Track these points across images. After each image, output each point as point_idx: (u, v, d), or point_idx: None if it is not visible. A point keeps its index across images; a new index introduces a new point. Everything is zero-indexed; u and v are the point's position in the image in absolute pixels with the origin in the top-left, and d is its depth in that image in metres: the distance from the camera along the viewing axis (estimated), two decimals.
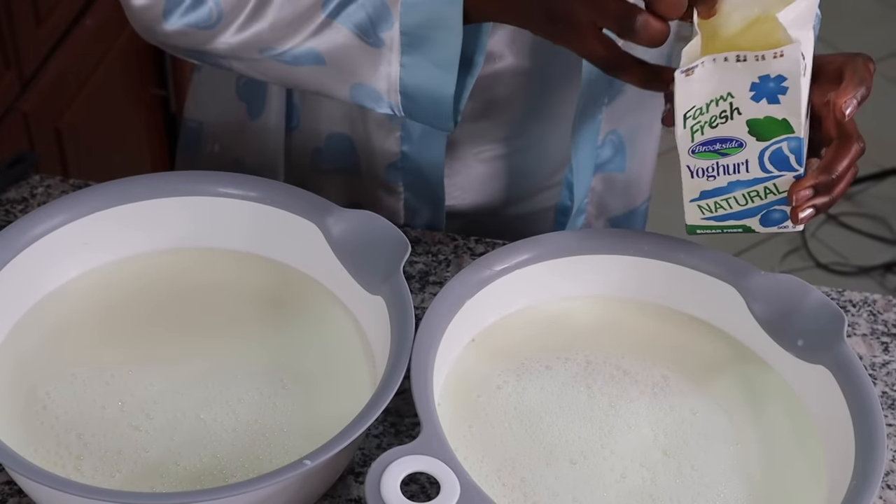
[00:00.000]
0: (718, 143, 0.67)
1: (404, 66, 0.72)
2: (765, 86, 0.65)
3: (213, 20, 0.74)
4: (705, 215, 0.71)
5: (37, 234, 0.74)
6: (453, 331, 0.72)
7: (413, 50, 0.71)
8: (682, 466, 0.69)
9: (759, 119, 0.66)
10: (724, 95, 0.66)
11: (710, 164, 0.68)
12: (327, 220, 0.76)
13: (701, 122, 0.67)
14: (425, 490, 0.72)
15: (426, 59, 0.71)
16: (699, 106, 0.66)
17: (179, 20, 0.74)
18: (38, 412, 0.69)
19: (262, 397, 0.72)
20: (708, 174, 0.69)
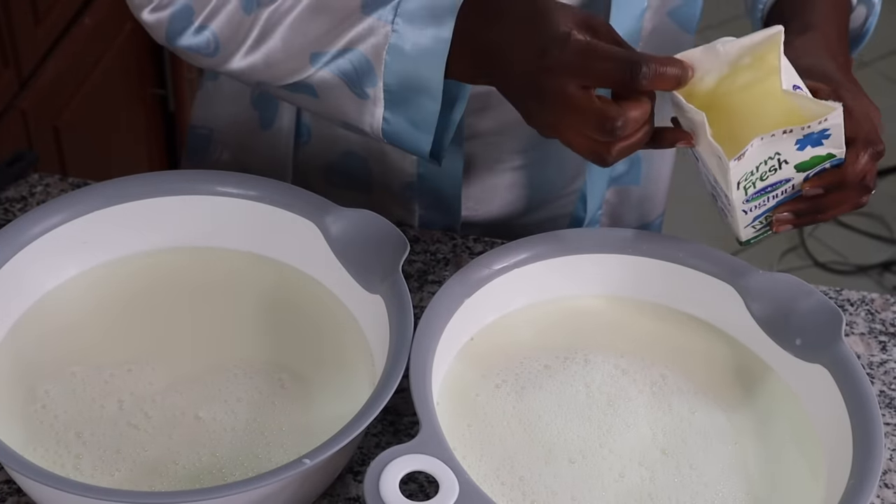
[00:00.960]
0: (770, 188, 0.70)
1: (386, 120, 0.73)
2: (809, 139, 0.67)
3: (212, 49, 0.76)
4: (757, 228, 0.74)
5: (36, 232, 0.74)
6: (452, 330, 0.72)
7: (394, 107, 0.73)
8: (681, 465, 0.69)
9: (806, 160, 0.69)
10: (772, 155, 0.68)
11: (761, 200, 0.71)
12: (326, 219, 0.76)
13: (752, 180, 0.69)
14: (424, 489, 0.72)
15: (405, 119, 0.73)
16: (749, 170, 0.68)
17: (184, 42, 0.76)
18: (37, 411, 0.69)
19: (262, 396, 0.72)
20: (760, 206, 0.72)
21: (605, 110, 0.63)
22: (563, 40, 0.64)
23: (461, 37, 0.69)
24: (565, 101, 0.64)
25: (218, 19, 0.74)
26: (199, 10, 0.74)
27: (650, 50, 0.83)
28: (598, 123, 0.64)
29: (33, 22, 1.38)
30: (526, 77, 0.66)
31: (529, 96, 0.66)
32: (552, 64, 0.64)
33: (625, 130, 0.64)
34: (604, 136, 0.64)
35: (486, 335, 0.76)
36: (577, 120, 0.64)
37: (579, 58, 0.63)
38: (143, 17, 0.75)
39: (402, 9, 0.70)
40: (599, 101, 0.64)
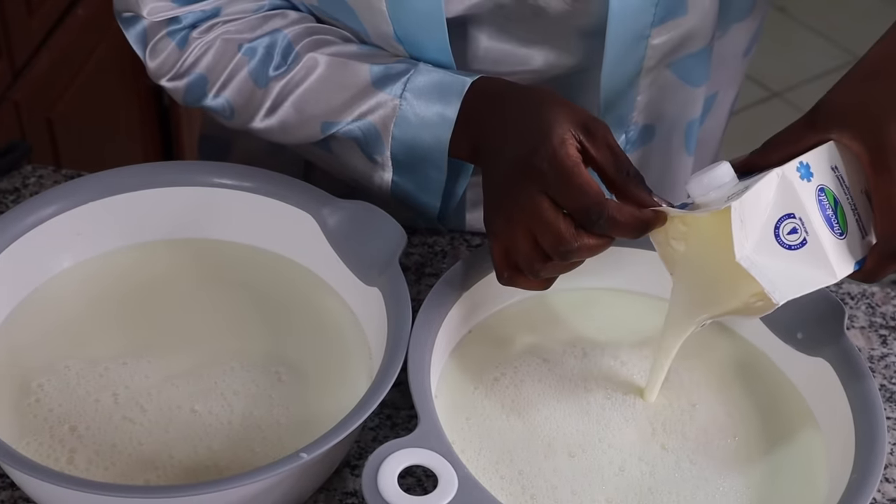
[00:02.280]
0: None
1: (395, 182, 0.76)
2: None
3: (228, 114, 0.79)
4: None
5: (29, 224, 0.73)
6: (450, 323, 0.71)
7: (402, 173, 0.75)
8: (681, 460, 0.69)
9: None
10: None
11: None
12: (323, 210, 0.76)
13: None
14: (422, 483, 0.71)
15: (413, 183, 0.76)
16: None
17: (203, 105, 0.80)
18: (31, 405, 0.69)
19: (258, 390, 0.71)
20: None
21: (564, 231, 0.64)
22: (553, 150, 0.64)
23: (464, 118, 0.71)
24: (534, 205, 0.64)
25: (230, 90, 0.78)
26: (213, 80, 0.78)
27: (651, 102, 0.82)
28: (553, 239, 0.64)
29: (27, 13, 1.37)
30: (510, 168, 0.66)
31: (506, 185, 0.67)
32: (534, 170, 0.65)
33: (572, 256, 0.64)
34: (551, 252, 0.64)
35: (484, 328, 0.75)
36: (535, 226, 0.65)
37: (557, 177, 0.64)
38: (162, 83, 0.79)
39: (412, 84, 0.73)
40: (563, 220, 0.64)
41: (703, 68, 0.83)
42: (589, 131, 0.66)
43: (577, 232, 0.64)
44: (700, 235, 0.65)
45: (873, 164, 0.63)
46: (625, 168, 0.65)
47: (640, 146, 0.87)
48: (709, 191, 0.64)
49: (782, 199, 0.63)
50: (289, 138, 0.79)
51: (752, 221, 0.63)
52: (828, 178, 0.65)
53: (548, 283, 0.69)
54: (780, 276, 0.63)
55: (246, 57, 0.77)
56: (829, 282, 0.64)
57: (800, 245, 0.64)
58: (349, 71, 0.75)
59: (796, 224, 0.63)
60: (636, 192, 0.65)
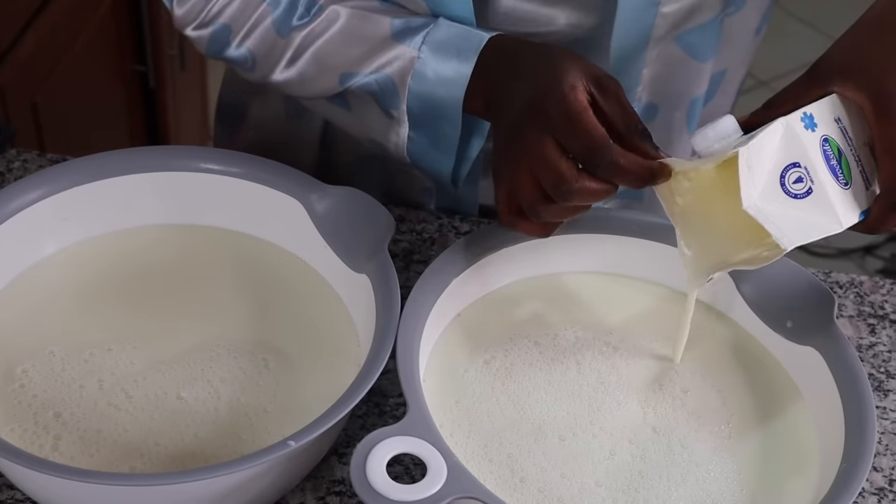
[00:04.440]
0: None
1: (410, 139, 0.76)
2: None
3: (250, 65, 0.79)
4: None
5: (13, 208, 0.72)
6: (439, 309, 0.71)
7: (417, 127, 0.75)
8: (672, 444, 0.68)
9: None
10: None
11: None
12: (311, 196, 0.75)
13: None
14: (409, 471, 0.71)
15: (428, 139, 0.75)
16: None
17: (225, 56, 0.79)
18: (15, 391, 0.68)
19: (245, 376, 0.70)
20: None
21: (566, 172, 0.64)
22: (562, 94, 0.64)
23: (480, 73, 0.71)
24: (538, 146, 0.64)
25: (253, 39, 0.77)
26: (237, 30, 0.77)
27: (656, 77, 0.82)
28: (554, 179, 0.64)
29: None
30: (520, 112, 0.67)
31: (514, 129, 0.67)
32: (542, 112, 0.65)
33: (573, 198, 0.64)
34: (552, 192, 0.64)
35: (474, 311, 0.75)
36: (538, 166, 0.65)
37: (565, 120, 0.64)
38: (186, 33, 0.79)
39: (430, 38, 0.73)
40: (566, 162, 0.64)
41: (710, 43, 0.82)
42: (601, 84, 0.66)
43: (579, 174, 0.64)
44: (705, 189, 0.64)
45: (876, 113, 0.63)
46: (633, 123, 0.65)
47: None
48: (713, 143, 0.64)
49: (787, 149, 0.63)
50: (307, 91, 0.78)
51: (758, 170, 0.62)
52: (831, 129, 0.64)
53: (548, 229, 0.68)
54: (787, 222, 0.62)
55: (270, 7, 0.76)
56: (835, 230, 0.64)
57: (805, 194, 0.63)
58: (370, 23, 0.75)
59: (801, 173, 0.63)
60: (643, 146, 0.65)
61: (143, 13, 1.64)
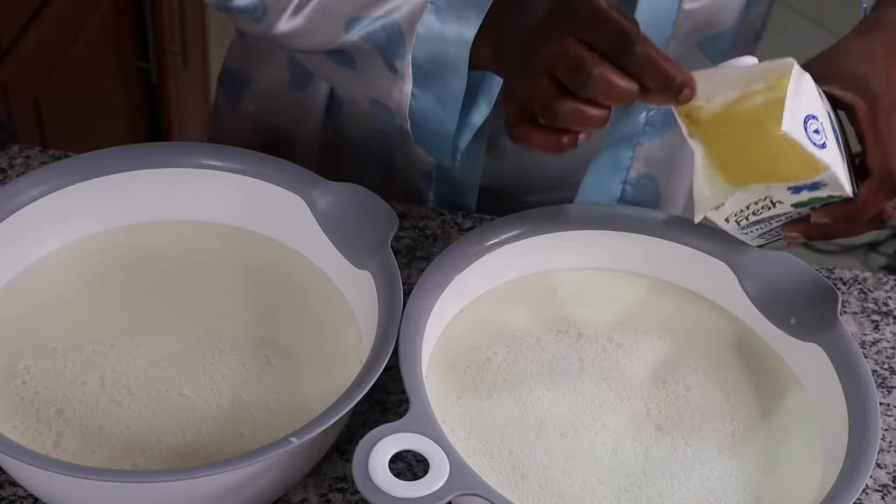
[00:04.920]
0: (766, 221, 0.67)
1: (414, 96, 0.73)
2: (802, 187, 0.63)
3: (259, 13, 0.76)
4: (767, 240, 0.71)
5: (16, 204, 0.72)
6: (442, 305, 0.71)
7: (421, 83, 0.73)
8: (676, 442, 0.68)
9: (804, 201, 0.65)
10: (763, 198, 0.65)
11: (760, 226, 0.68)
12: (313, 192, 0.75)
13: (744, 215, 0.66)
14: (412, 468, 0.71)
15: (433, 95, 0.73)
16: (735, 210, 0.66)
17: (233, 5, 0.77)
18: (17, 387, 0.68)
19: (247, 373, 0.70)
20: (760, 229, 0.69)
21: (586, 57, 0.60)
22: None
23: (491, 22, 0.69)
24: (558, 44, 0.61)
25: None
26: None
27: None
28: (573, 64, 0.60)
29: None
30: (536, 23, 0.64)
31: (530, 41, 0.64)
32: (563, 11, 0.62)
33: (592, 87, 0.60)
34: (568, 80, 0.61)
35: (476, 308, 0.75)
36: (556, 61, 0.61)
37: (591, 13, 0.61)
38: None
39: None
40: (587, 49, 0.60)
41: (728, 50, 0.82)
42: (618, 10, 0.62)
43: (600, 60, 0.60)
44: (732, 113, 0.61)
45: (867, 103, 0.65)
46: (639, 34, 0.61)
47: (661, 133, 0.86)
48: None
49: (811, 99, 0.62)
50: (311, 42, 0.76)
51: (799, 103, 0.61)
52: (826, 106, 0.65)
53: (560, 141, 0.63)
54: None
55: None
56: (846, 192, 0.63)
57: (822, 146, 0.62)
58: None
59: (819, 126, 0.62)
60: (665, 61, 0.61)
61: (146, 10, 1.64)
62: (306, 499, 0.70)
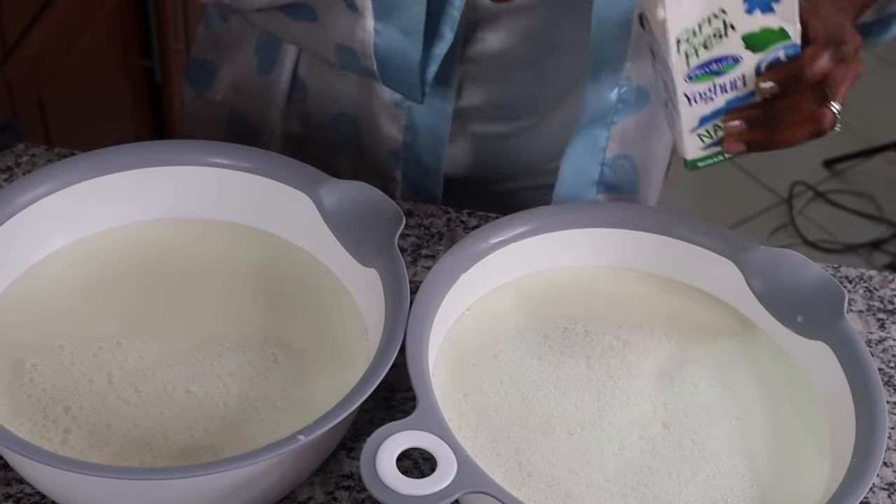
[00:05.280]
0: (714, 62, 0.66)
1: (377, 32, 0.73)
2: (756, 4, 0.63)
3: None
4: (705, 143, 0.69)
5: (23, 202, 0.72)
6: (448, 303, 0.71)
7: (383, 16, 0.73)
8: (683, 440, 0.68)
9: (755, 32, 0.65)
10: (717, 13, 0.64)
11: (706, 87, 0.67)
12: (320, 190, 0.75)
13: (695, 45, 0.65)
14: (418, 465, 0.71)
15: (394, 26, 0.73)
16: (691, 28, 0.65)
17: None
18: (24, 385, 0.68)
19: (254, 371, 0.70)
20: (706, 97, 0.67)
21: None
22: None
23: None
24: None
25: None
26: None
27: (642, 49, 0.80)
28: None
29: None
30: None
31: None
32: None
33: None
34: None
35: (482, 305, 0.74)
36: None
37: None
38: None
39: None
40: None
41: None
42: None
43: None
44: None
45: None
46: None
47: (635, 110, 0.86)
48: None
49: None
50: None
51: None
52: None
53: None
54: None
55: None
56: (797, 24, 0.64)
57: None
58: None
59: None
60: None
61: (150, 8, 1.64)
62: (312, 496, 0.70)
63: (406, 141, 0.88)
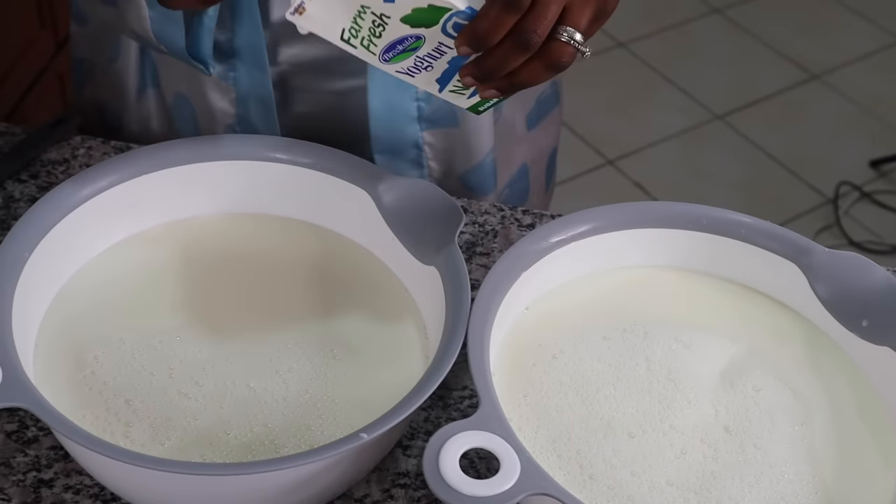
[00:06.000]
0: (398, 44, 0.64)
1: (152, 19, 0.74)
2: None
3: None
4: (467, 94, 0.67)
5: (85, 195, 0.72)
6: (508, 302, 0.70)
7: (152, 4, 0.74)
8: (745, 445, 0.67)
9: (409, 14, 0.62)
10: (361, 10, 0.62)
11: (413, 60, 0.65)
12: (379, 187, 0.75)
13: (365, 38, 0.63)
14: (474, 465, 0.70)
15: (159, 12, 0.74)
16: (347, 27, 0.63)
17: None
18: (86, 377, 0.68)
19: (313, 367, 0.70)
20: (423, 67, 0.65)
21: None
22: None
23: None
24: None
25: None
26: None
27: None
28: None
29: None
30: None
31: None
32: None
33: None
34: None
35: (542, 305, 0.74)
36: None
37: None
38: None
39: None
40: None
41: None
42: None
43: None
44: None
45: None
46: None
47: None
48: None
49: None
50: None
51: None
52: None
53: None
54: None
55: None
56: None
57: None
58: None
59: None
60: None
61: None
62: (368, 494, 0.70)
63: (239, 113, 0.87)
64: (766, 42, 2.50)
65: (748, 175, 2.20)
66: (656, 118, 2.31)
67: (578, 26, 0.63)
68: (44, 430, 0.71)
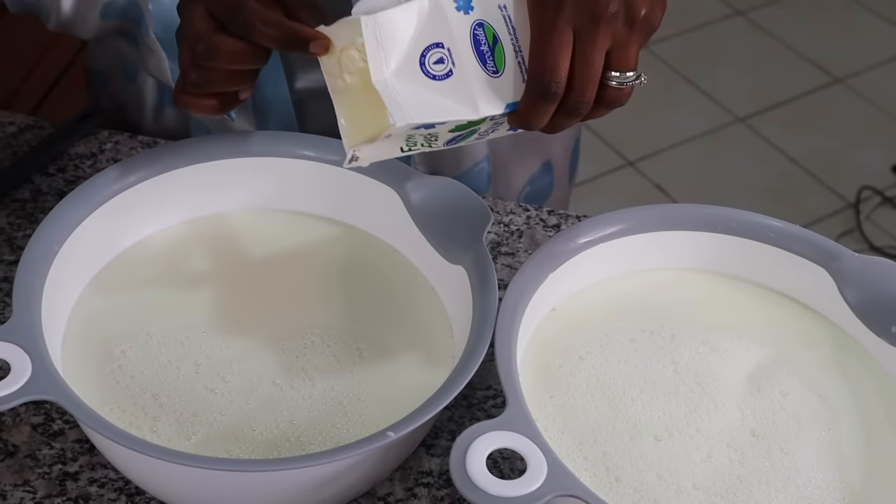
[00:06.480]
0: (455, 139, 0.65)
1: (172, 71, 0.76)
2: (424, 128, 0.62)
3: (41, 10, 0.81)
4: None
5: (114, 190, 0.73)
6: (535, 303, 0.70)
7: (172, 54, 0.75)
8: (772, 449, 0.67)
9: (453, 129, 0.63)
10: (408, 138, 0.63)
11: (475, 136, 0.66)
12: (406, 185, 0.75)
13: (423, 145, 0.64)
14: (498, 465, 0.70)
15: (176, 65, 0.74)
16: (403, 146, 0.64)
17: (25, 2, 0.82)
18: (113, 371, 0.68)
19: (339, 365, 0.70)
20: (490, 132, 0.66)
21: (201, 29, 0.64)
22: None
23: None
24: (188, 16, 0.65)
25: None
26: None
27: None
28: (192, 38, 0.64)
29: None
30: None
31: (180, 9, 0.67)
32: None
33: (211, 57, 0.64)
34: (195, 55, 0.64)
35: (569, 306, 0.74)
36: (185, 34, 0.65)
37: None
38: None
39: None
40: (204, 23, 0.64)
41: None
42: None
43: (215, 31, 0.63)
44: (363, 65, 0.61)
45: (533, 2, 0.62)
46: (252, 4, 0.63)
47: None
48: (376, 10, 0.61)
49: (432, 27, 0.61)
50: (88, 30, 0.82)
51: (396, 45, 0.60)
52: (491, 15, 0.62)
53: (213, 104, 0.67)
54: (413, 101, 0.60)
55: None
56: (468, 115, 0.61)
57: (445, 76, 0.61)
58: None
59: (443, 54, 0.61)
60: (301, 15, 0.63)
61: None
62: (392, 492, 0.70)
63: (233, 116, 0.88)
64: (788, 45, 2.49)
65: (769, 178, 2.19)
66: (678, 120, 2.30)
67: (627, 67, 0.63)
68: (70, 423, 0.71)
